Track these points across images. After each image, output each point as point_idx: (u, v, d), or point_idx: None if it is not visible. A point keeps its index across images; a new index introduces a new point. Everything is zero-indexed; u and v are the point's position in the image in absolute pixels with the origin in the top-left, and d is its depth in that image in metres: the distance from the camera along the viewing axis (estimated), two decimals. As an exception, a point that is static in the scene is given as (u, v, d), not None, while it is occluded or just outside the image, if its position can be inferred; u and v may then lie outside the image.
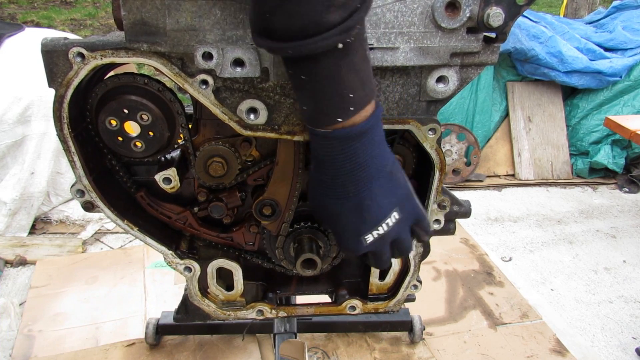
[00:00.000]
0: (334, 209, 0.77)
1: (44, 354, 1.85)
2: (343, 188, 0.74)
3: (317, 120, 0.71)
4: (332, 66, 0.65)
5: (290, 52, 0.64)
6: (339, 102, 0.68)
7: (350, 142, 0.70)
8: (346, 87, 0.67)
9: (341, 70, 0.66)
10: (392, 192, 0.76)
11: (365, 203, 0.75)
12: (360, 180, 0.73)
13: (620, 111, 3.37)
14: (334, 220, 0.79)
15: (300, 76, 0.67)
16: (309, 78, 0.67)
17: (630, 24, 3.61)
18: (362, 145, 0.71)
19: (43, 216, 2.77)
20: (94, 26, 6.55)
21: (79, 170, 0.90)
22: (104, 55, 0.79)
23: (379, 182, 0.74)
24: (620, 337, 2.15)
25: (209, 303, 1.08)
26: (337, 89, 0.67)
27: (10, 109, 2.53)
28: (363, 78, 0.68)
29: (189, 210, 1.04)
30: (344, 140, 0.70)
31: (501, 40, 0.81)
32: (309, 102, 0.70)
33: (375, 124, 0.72)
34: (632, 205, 3.24)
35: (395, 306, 1.13)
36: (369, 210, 0.75)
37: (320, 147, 0.73)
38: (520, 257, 2.69)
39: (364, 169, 0.73)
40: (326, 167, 0.74)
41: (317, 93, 0.68)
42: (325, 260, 1.05)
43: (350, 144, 0.70)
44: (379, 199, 0.75)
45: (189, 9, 0.75)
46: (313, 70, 0.66)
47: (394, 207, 0.77)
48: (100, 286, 2.22)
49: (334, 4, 0.60)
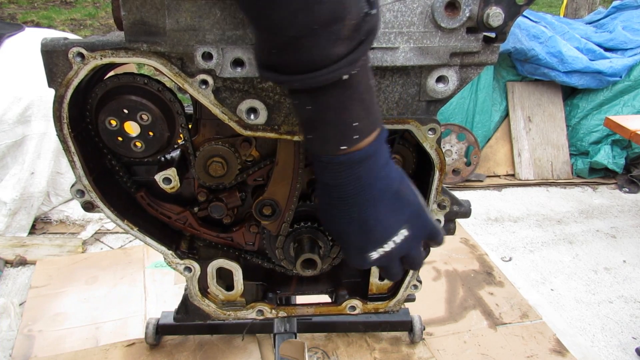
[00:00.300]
0: (339, 227, 0.79)
1: (44, 354, 1.85)
2: (347, 209, 0.75)
3: (321, 148, 0.72)
4: (337, 97, 0.66)
5: (297, 84, 0.65)
6: (344, 130, 0.68)
7: (354, 166, 0.71)
8: (351, 116, 0.68)
9: (346, 101, 0.66)
10: (400, 211, 0.77)
11: (370, 224, 0.76)
12: (365, 202, 0.74)
13: (620, 111, 3.37)
14: (340, 236, 0.81)
15: (306, 107, 0.68)
16: (314, 108, 0.68)
17: (630, 24, 3.61)
18: (365, 169, 0.72)
19: (43, 216, 2.77)
20: (93, 26, 6.55)
21: (79, 170, 0.90)
22: (104, 55, 0.79)
23: (384, 203, 0.75)
24: (620, 337, 2.15)
25: (209, 303, 1.08)
26: (342, 118, 0.68)
27: (10, 109, 2.53)
28: (368, 107, 0.69)
29: (189, 210, 1.04)
30: (348, 165, 0.71)
31: (501, 40, 0.81)
32: (313, 131, 0.71)
33: (379, 147, 0.72)
34: (632, 205, 3.24)
35: (395, 306, 1.13)
36: (374, 230, 0.76)
37: (324, 172, 0.74)
38: (520, 257, 2.69)
39: (368, 191, 0.73)
40: (330, 190, 0.75)
41: (322, 123, 0.69)
42: (325, 260, 1.05)
43: (354, 169, 0.71)
44: (384, 218, 0.76)
45: (189, 9, 0.75)
46: (318, 101, 0.67)
47: (402, 225, 0.78)
48: (100, 286, 2.22)
49: (341, 37, 0.61)
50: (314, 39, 0.60)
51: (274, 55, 0.64)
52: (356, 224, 0.76)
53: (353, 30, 0.61)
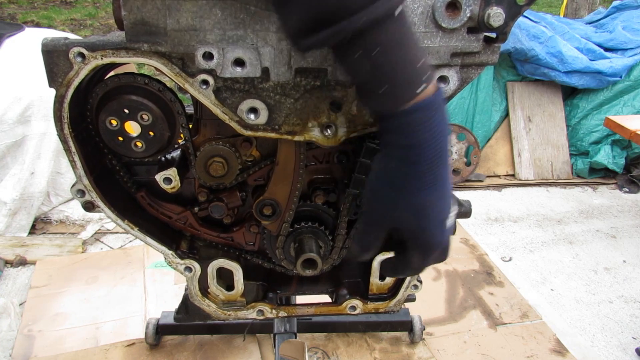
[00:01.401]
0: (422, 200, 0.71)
1: (44, 354, 1.85)
2: (436, 170, 0.69)
3: (401, 95, 0.66)
4: (397, 30, 0.63)
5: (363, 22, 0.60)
6: (413, 70, 0.65)
7: (436, 110, 0.66)
8: (417, 51, 0.66)
9: (404, 37, 0.64)
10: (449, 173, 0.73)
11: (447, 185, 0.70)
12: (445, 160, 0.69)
13: (620, 111, 3.37)
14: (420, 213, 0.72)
15: (373, 51, 0.64)
16: (384, 48, 0.63)
17: (630, 24, 3.61)
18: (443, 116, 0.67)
19: (43, 216, 2.77)
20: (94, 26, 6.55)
21: (79, 170, 0.90)
22: (105, 55, 0.79)
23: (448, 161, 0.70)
24: (620, 337, 2.15)
25: (209, 303, 1.08)
26: (412, 53, 0.65)
27: (10, 109, 2.53)
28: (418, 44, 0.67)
29: (189, 210, 1.04)
30: (430, 110, 0.66)
31: (501, 40, 0.81)
32: (387, 77, 0.65)
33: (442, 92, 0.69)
34: (632, 205, 3.24)
35: (395, 306, 1.13)
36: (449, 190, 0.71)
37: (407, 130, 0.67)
38: (520, 257, 2.69)
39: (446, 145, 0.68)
40: (421, 150, 0.67)
41: (396, 63, 0.65)
42: (325, 260, 1.05)
43: (437, 114, 0.67)
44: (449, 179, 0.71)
45: (190, 9, 0.75)
46: (385, 38, 0.63)
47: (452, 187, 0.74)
48: (100, 286, 2.22)
49: None
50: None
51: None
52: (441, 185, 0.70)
53: None
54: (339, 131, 0.86)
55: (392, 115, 0.68)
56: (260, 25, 0.76)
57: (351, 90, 0.84)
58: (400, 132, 0.68)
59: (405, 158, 0.69)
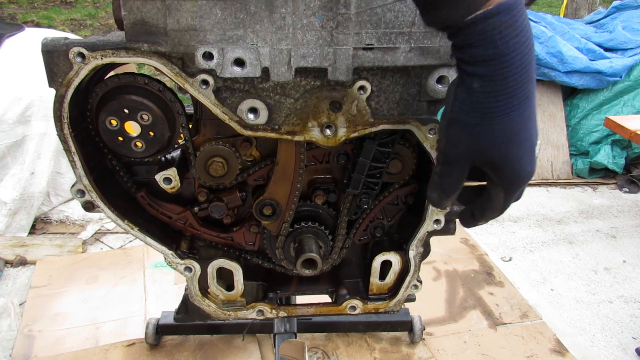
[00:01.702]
0: (512, 125, 0.63)
1: (44, 354, 1.85)
2: (522, 88, 0.61)
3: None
4: None
5: None
6: None
7: (518, 13, 0.58)
8: None
9: None
10: None
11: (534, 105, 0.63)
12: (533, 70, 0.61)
13: (620, 111, 3.37)
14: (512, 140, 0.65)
15: None
16: None
17: (630, 24, 3.60)
18: (527, 19, 0.60)
19: (43, 216, 2.77)
20: (94, 26, 6.55)
21: (79, 170, 0.90)
22: (105, 55, 0.79)
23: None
24: (620, 337, 2.15)
25: (209, 303, 1.08)
26: None
27: (10, 109, 2.53)
28: None
29: (189, 210, 1.04)
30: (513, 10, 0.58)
31: (502, 40, 0.81)
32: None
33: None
34: (632, 205, 3.24)
35: (395, 306, 1.13)
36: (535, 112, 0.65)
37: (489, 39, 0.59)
38: (520, 257, 2.69)
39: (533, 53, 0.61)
40: (499, 67, 0.60)
41: None
42: (325, 260, 1.05)
43: (520, 17, 0.58)
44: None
45: (190, 9, 0.75)
46: None
47: None
48: (100, 286, 2.22)
49: None
50: None
51: None
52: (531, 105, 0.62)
53: None
54: (339, 131, 0.86)
55: (469, 24, 0.59)
56: (260, 25, 0.76)
57: (351, 90, 0.84)
58: (482, 42, 0.59)
59: (491, 74, 0.61)
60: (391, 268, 1.10)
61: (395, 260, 1.09)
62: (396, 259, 1.09)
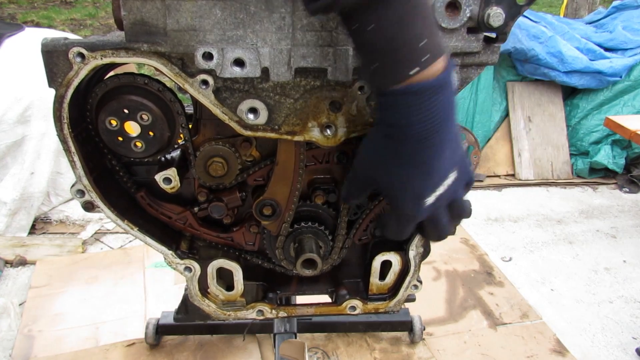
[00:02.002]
0: (398, 177, 0.73)
1: (44, 354, 1.85)
2: (415, 156, 0.69)
3: (390, 75, 0.65)
4: (400, 8, 0.62)
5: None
6: (414, 47, 0.63)
7: (429, 96, 0.64)
8: (418, 32, 0.63)
9: (409, 13, 0.62)
10: (455, 152, 0.72)
11: (434, 167, 0.70)
12: (435, 145, 0.68)
13: (620, 111, 3.37)
14: (395, 187, 0.74)
15: (368, 27, 0.63)
16: (379, 25, 0.62)
17: (630, 24, 3.61)
18: (440, 102, 0.65)
19: (43, 216, 2.77)
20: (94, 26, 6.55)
21: (79, 170, 0.90)
22: (104, 55, 0.79)
23: (449, 145, 0.69)
24: (620, 337, 2.15)
25: (209, 303, 1.08)
26: (410, 33, 0.63)
27: (10, 109, 2.53)
28: (431, 25, 0.65)
29: (189, 210, 1.04)
30: (422, 94, 0.64)
31: (501, 40, 0.81)
32: (379, 55, 0.65)
33: (449, 77, 0.66)
34: (632, 205, 3.24)
35: (395, 306, 1.13)
36: (435, 174, 0.71)
37: (395, 109, 0.67)
38: (520, 257, 2.69)
39: (439, 132, 0.67)
40: (400, 133, 0.68)
41: (390, 41, 0.63)
42: (325, 260, 1.05)
43: (430, 100, 0.65)
44: (445, 161, 0.71)
45: (189, 9, 0.75)
46: (383, 15, 0.61)
47: (454, 167, 0.73)
48: (100, 286, 2.22)
49: None
50: None
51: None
52: (420, 170, 0.70)
53: None
54: (338, 131, 0.86)
55: (381, 93, 0.68)
56: (260, 25, 0.76)
57: (351, 90, 0.84)
58: (387, 111, 0.69)
59: (389, 135, 0.70)
60: (391, 268, 1.10)
61: (395, 261, 1.09)
62: (396, 259, 1.09)
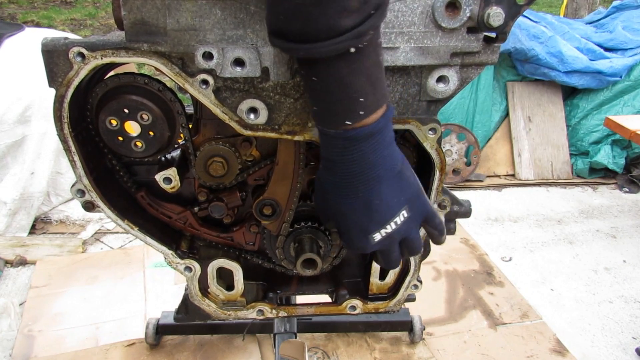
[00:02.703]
0: (341, 209, 0.78)
1: (44, 354, 1.85)
2: (352, 188, 0.75)
3: (327, 121, 0.72)
4: (343, 69, 0.65)
5: (302, 54, 0.64)
6: (349, 105, 0.68)
7: (359, 143, 0.71)
8: (356, 91, 0.67)
9: (351, 74, 0.66)
10: (401, 191, 0.77)
11: (374, 203, 0.75)
12: (370, 180, 0.74)
13: (620, 111, 3.37)
14: (342, 219, 0.80)
15: (312, 77, 0.68)
16: (320, 80, 0.67)
17: (630, 24, 3.60)
18: (371, 146, 0.71)
19: (43, 216, 2.77)
20: (94, 26, 6.55)
21: (79, 170, 0.90)
22: (104, 55, 0.79)
23: (387, 182, 0.75)
24: (620, 337, 2.15)
25: (209, 303, 1.08)
26: (348, 92, 0.67)
27: (10, 109, 2.53)
28: (374, 82, 0.68)
29: (189, 210, 1.04)
30: (354, 141, 0.70)
31: (501, 40, 0.81)
32: (319, 103, 0.71)
33: (385, 125, 0.72)
34: (632, 205, 3.24)
35: (395, 306, 1.13)
36: (378, 209, 0.76)
37: (330, 147, 0.74)
38: (520, 257, 2.69)
39: (373, 169, 0.73)
40: (336, 167, 0.75)
41: (328, 95, 0.68)
42: (325, 260, 1.05)
43: (360, 145, 0.71)
44: (388, 198, 0.76)
45: (189, 8, 0.75)
46: (324, 73, 0.66)
47: (403, 205, 0.78)
48: (100, 286, 2.22)
49: (347, 9, 0.61)
50: (321, 8, 0.60)
51: (281, 22, 0.64)
52: (361, 202, 0.76)
53: (362, 2, 0.61)
54: (338, 131, 0.86)
55: (320, 131, 0.74)
56: (260, 25, 0.76)
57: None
58: (325, 148, 0.75)
59: (329, 169, 0.77)
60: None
61: (395, 260, 1.09)
62: (396, 259, 1.09)
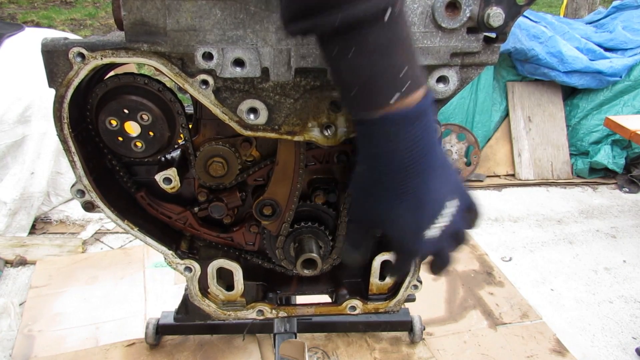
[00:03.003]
0: (391, 212, 0.70)
1: (44, 354, 1.85)
2: (402, 185, 0.67)
3: (371, 102, 0.64)
4: (382, 36, 0.61)
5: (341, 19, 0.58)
6: (394, 75, 0.62)
7: (411, 124, 0.64)
8: (399, 59, 0.62)
9: (390, 43, 0.61)
10: (448, 180, 0.71)
11: (425, 198, 0.68)
12: (421, 172, 0.67)
13: (620, 111, 3.37)
14: (394, 223, 0.71)
15: (349, 53, 0.62)
16: (360, 50, 0.61)
17: (630, 24, 3.60)
18: (422, 129, 0.65)
19: (43, 216, 2.77)
20: (94, 26, 6.55)
21: (79, 170, 0.90)
22: (104, 55, 0.79)
23: (436, 173, 0.68)
24: (620, 337, 2.15)
25: (209, 303, 1.08)
26: (392, 60, 0.62)
27: (10, 109, 2.53)
28: (412, 54, 0.64)
29: (189, 210, 1.04)
30: (404, 121, 0.64)
31: (501, 40, 0.81)
32: (359, 80, 0.63)
33: (430, 105, 0.65)
34: (632, 205, 3.24)
35: (395, 306, 1.13)
36: (430, 204, 0.69)
37: (375, 138, 0.66)
38: (520, 257, 2.69)
39: (429, 155, 0.66)
40: (382, 162, 0.67)
41: (371, 67, 0.62)
42: (325, 260, 1.05)
43: (411, 127, 0.64)
44: (437, 190, 0.69)
45: (189, 9, 0.75)
46: (365, 41, 0.61)
47: (449, 196, 0.71)
48: (100, 286, 2.22)
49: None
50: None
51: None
52: (412, 198, 0.68)
53: None
54: (338, 131, 0.86)
55: (361, 122, 0.67)
56: (260, 25, 0.76)
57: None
58: (368, 141, 0.67)
59: (372, 167, 0.69)
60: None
61: (395, 260, 1.09)
62: (396, 259, 1.09)
